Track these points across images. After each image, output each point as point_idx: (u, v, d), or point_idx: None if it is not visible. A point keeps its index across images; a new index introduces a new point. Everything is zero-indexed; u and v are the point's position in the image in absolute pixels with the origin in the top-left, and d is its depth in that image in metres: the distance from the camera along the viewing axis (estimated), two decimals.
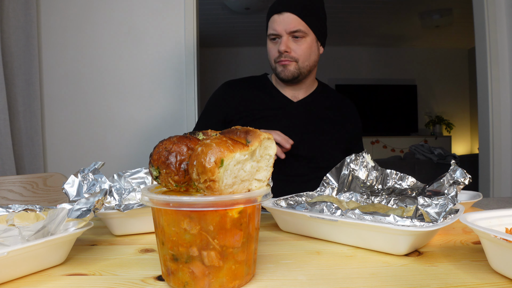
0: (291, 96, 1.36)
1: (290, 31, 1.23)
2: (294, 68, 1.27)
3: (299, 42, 1.26)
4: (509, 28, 2.34)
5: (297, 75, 1.29)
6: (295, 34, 1.24)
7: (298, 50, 1.26)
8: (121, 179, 0.84)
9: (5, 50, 1.93)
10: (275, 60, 1.29)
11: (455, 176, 0.68)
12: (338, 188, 0.84)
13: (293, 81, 1.31)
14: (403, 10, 4.71)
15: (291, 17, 1.23)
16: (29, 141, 2.05)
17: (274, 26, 1.25)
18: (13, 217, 0.64)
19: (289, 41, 1.25)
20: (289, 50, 1.25)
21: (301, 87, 1.36)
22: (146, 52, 2.23)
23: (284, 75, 1.28)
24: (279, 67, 1.28)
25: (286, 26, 1.23)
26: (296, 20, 1.23)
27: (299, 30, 1.23)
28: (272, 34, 1.26)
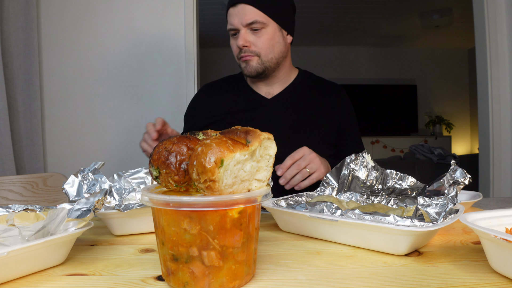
0: (265, 93, 1.28)
1: (247, 24, 1.14)
2: (257, 63, 1.19)
3: (258, 34, 1.16)
4: (509, 28, 2.34)
5: (262, 70, 1.20)
6: (253, 26, 1.15)
7: (258, 43, 1.17)
8: (121, 179, 0.84)
9: (5, 50, 1.93)
10: (237, 57, 1.21)
11: (455, 176, 0.68)
12: (338, 188, 0.84)
13: (261, 77, 1.23)
14: (403, 10, 4.71)
15: (246, 8, 1.14)
16: (29, 141, 2.05)
17: (230, 20, 1.17)
18: (13, 217, 0.64)
19: (247, 35, 1.16)
20: (248, 44, 1.16)
21: (274, 81, 1.27)
22: (146, 52, 2.24)
23: (247, 72, 1.21)
24: (242, 64, 1.21)
25: (241, 19, 1.15)
26: (252, 10, 1.14)
27: (256, 21, 1.14)
28: (230, 29, 1.18)
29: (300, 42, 6.01)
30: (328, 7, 4.62)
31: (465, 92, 6.58)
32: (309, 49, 6.29)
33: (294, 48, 6.17)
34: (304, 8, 4.59)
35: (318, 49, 6.30)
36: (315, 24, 5.23)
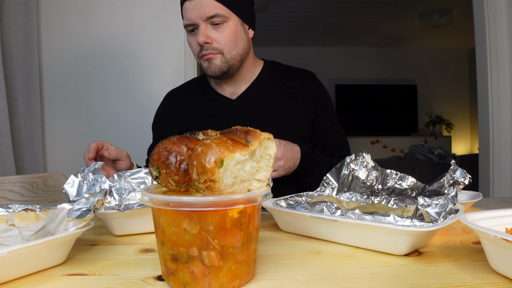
0: (230, 93, 1.20)
1: (207, 17, 1.04)
2: (221, 62, 1.09)
3: (220, 29, 1.07)
4: (509, 28, 2.34)
5: (226, 69, 1.11)
6: (213, 20, 1.05)
7: (221, 38, 1.07)
8: (121, 179, 0.84)
9: (5, 50, 1.93)
10: (198, 55, 1.10)
11: (455, 176, 0.68)
12: (338, 188, 0.84)
13: (225, 77, 1.14)
14: (403, 10, 4.71)
15: (204, 1, 1.04)
16: (29, 141, 2.05)
17: (187, 14, 1.06)
18: (13, 217, 0.64)
19: (208, 30, 1.06)
20: (210, 40, 1.06)
21: (238, 79, 1.19)
22: (146, 52, 2.24)
23: (211, 72, 1.10)
24: (204, 63, 1.10)
25: (201, 12, 1.04)
26: (211, 3, 1.04)
27: (217, 14, 1.04)
28: (188, 24, 1.07)
29: (300, 42, 6.02)
30: (328, 7, 4.62)
31: (465, 92, 6.58)
32: (309, 49, 6.29)
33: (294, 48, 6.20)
34: (304, 8, 4.59)
35: (318, 49, 6.30)
36: (315, 24, 5.23)
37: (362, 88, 6.41)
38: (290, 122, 1.16)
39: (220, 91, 1.22)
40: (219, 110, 1.19)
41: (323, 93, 1.23)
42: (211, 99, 1.22)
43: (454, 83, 6.55)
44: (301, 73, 1.25)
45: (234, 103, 1.19)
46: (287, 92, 1.20)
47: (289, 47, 6.15)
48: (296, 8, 4.58)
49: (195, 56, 1.13)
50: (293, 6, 4.52)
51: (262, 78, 1.22)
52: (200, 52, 1.09)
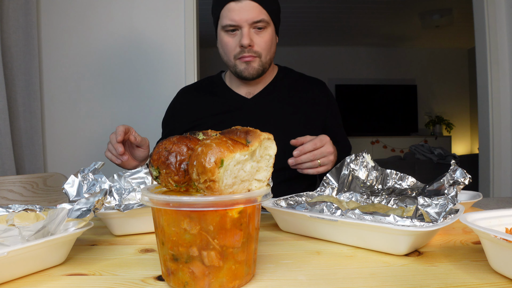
0: (246, 93, 1.24)
1: (253, 21, 1.08)
2: (258, 65, 1.13)
3: (261, 34, 1.11)
4: (509, 28, 2.34)
5: (261, 72, 1.16)
6: (258, 24, 1.08)
7: (261, 43, 1.11)
8: (121, 179, 0.84)
9: (5, 50, 1.93)
10: (235, 56, 1.13)
11: (455, 176, 0.68)
12: (338, 188, 0.84)
13: (255, 78, 1.18)
14: (403, 10, 4.71)
15: (252, 5, 1.07)
16: (29, 141, 2.05)
17: (231, 15, 1.08)
18: (13, 217, 0.64)
19: (251, 33, 1.09)
20: (253, 43, 1.10)
21: (258, 81, 1.23)
22: (146, 52, 2.24)
23: (248, 74, 1.14)
24: (241, 65, 1.13)
25: (247, 16, 1.07)
26: (258, 8, 1.07)
27: (262, 20, 1.08)
28: (230, 25, 1.09)
29: (300, 42, 6.02)
30: (328, 7, 4.62)
31: (465, 92, 6.58)
32: (310, 49, 6.29)
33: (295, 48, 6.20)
34: (304, 8, 4.59)
35: (318, 49, 6.30)
36: (315, 24, 5.23)
37: (362, 88, 6.41)
38: (302, 125, 1.20)
39: (236, 90, 1.25)
40: (233, 107, 1.22)
41: (333, 102, 1.29)
42: (227, 97, 1.24)
43: (454, 83, 6.55)
44: (313, 82, 1.30)
45: (249, 102, 1.22)
46: (300, 97, 1.24)
47: (289, 47, 6.15)
48: (296, 8, 4.58)
49: (229, 56, 1.14)
50: (293, 7, 4.52)
51: (277, 82, 1.26)
52: (239, 53, 1.12)
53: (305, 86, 1.28)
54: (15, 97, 1.99)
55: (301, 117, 1.21)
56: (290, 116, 1.21)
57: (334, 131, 1.26)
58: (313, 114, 1.23)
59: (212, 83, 1.31)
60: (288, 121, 1.20)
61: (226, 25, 1.10)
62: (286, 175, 1.18)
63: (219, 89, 1.27)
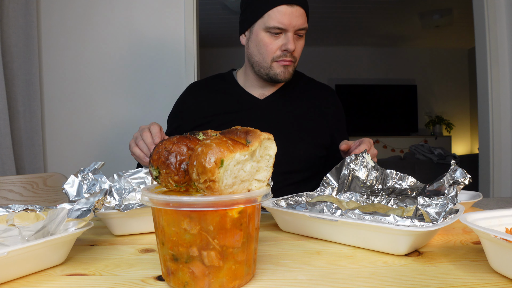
0: (259, 94, 1.23)
1: (299, 28, 1.08)
2: (292, 69, 1.16)
3: (300, 41, 1.13)
4: (509, 28, 2.34)
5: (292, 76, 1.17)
6: (300, 32, 1.10)
7: (299, 49, 1.13)
8: (121, 179, 0.84)
9: (5, 50, 1.93)
10: (274, 59, 1.12)
11: (455, 176, 0.68)
12: (338, 188, 0.84)
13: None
14: (403, 10, 4.71)
15: (301, 12, 1.07)
16: (29, 141, 2.05)
17: (282, 18, 1.06)
18: (13, 217, 0.64)
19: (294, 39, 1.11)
20: (294, 49, 1.11)
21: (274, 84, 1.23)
22: (146, 52, 2.23)
23: (283, 77, 1.14)
24: (278, 68, 1.13)
25: (296, 22, 1.07)
26: (304, 16, 1.09)
27: (305, 28, 1.10)
28: (277, 27, 1.07)
29: None
30: (328, 7, 4.62)
31: (465, 92, 6.58)
32: (309, 49, 6.29)
33: None
34: None
35: (318, 49, 6.30)
36: (315, 24, 5.23)
37: (362, 88, 6.41)
38: (311, 129, 1.21)
39: (248, 90, 1.24)
40: (245, 107, 1.21)
41: (340, 109, 1.32)
42: (238, 96, 1.23)
43: (454, 83, 6.55)
44: (323, 88, 1.32)
45: (261, 103, 1.22)
46: (310, 102, 1.25)
47: None
48: None
49: (266, 57, 1.12)
50: None
51: (290, 85, 1.26)
52: (279, 56, 1.11)
53: (316, 91, 1.29)
54: (15, 97, 1.99)
55: (309, 122, 1.22)
56: (300, 120, 1.21)
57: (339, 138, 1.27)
58: (321, 120, 1.24)
59: (224, 81, 1.29)
60: (297, 125, 1.20)
61: (274, 26, 1.07)
62: (294, 178, 1.18)
63: (231, 88, 1.26)
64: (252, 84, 1.24)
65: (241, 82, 1.27)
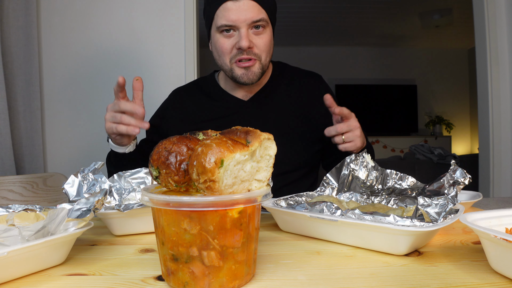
0: (242, 95, 1.18)
1: (252, 21, 1.01)
2: (258, 68, 1.06)
3: (261, 35, 1.04)
4: (509, 28, 2.34)
5: (261, 75, 1.08)
6: (257, 24, 1.02)
7: (261, 44, 1.04)
8: (121, 179, 0.84)
9: (5, 50, 1.93)
10: (232, 59, 1.05)
11: (455, 176, 0.68)
12: (338, 188, 0.84)
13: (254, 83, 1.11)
14: (403, 10, 4.71)
15: (250, 4, 1.00)
16: (29, 141, 2.05)
17: (228, 15, 1.00)
18: (13, 217, 0.64)
19: (250, 34, 1.02)
20: (252, 45, 1.02)
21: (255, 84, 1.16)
22: (146, 52, 2.23)
23: (247, 79, 1.06)
24: (239, 70, 1.06)
25: (246, 15, 0.99)
26: (257, 7, 1.01)
27: (261, 19, 1.01)
28: (226, 25, 1.01)
29: (300, 42, 6.02)
30: (328, 7, 4.62)
31: (465, 92, 6.58)
32: (309, 49, 6.29)
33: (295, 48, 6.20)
34: (304, 8, 4.59)
35: (318, 49, 6.30)
36: (315, 24, 5.23)
37: (362, 88, 6.40)
38: (303, 124, 1.17)
39: (232, 92, 1.19)
40: (231, 111, 1.17)
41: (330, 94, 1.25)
42: (222, 100, 1.19)
43: (454, 83, 6.55)
44: (309, 75, 1.25)
45: (247, 104, 1.17)
46: (297, 94, 1.20)
47: (289, 47, 6.15)
48: (296, 8, 4.58)
49: (224, 59, 1.07)
50: (293, 6, 4.52)
51: (274, 81, 1.21)
52: (235, 56, 1.04)
53: (302, 81, 1.22)
54: (15, 97, 1.99)
55: (300, 115, 1.18)
56: (289, 115, 1.17)
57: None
58: (312, 110, 1.19)
59: (207, 85, 1.24)
60: (287, 121, 1.16)
61: (222, 25, 1.02)
62: (287, 179, 1.16)
63: (214, 92, 1.21)
64: (233, 86, 1.18)
65: (223, 85, 1.22)
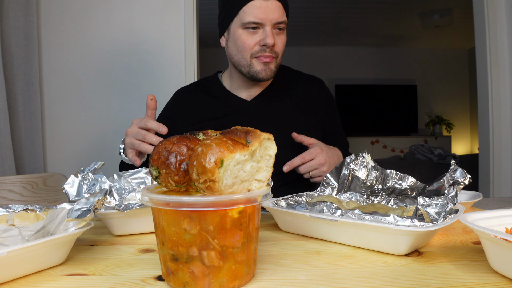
0: (246, 96, 1.21)
1: (277, 22, 1.06)
2: (275, 66, 1.11)
3: (280, 35, 1.09)
4: (509, 28, 2.34)
5: (275, 73, 1.13)
6: (280, 26, 1.07)
7: (280, 44, 1.09)
8: (121, 179, 0.84)
9: (5, 50, 1.93)
10: (253, 55, 1.09)
11: (455, 176, 0.68)
12: (338, 188, 0.84)
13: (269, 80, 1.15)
14: (403, 10, 4.71)
15: (277, 5, 1.05)
16: (29, 141, 2.05)
17: (257, 13, 1.04)
18: (13, 217, 0.64)
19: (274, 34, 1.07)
20: (274, 43, 1.07)
21: (260, 83, 1.19)
22: (146, 52, 2.23)
23: (265, 75, 1.10)
24: (258, 65, 1.09)
25: (273, 15, 1.04)
26: (281, 9, 1.06)
27: (284, 21, 1.07)
28: (254, 22, 1.05)
29: (300, 42, 6.02)
30: (328, 7, 4.62)
31: (465, 92, 6.58)
32: (309, 49, 6.29)
33: (294, 48, 6.20)
34: (304, 8, 4.59)
35: (318, 49, 6.30)
36: (315, 24, 5.23)
37: (362, 88, 6.41)
38: (303, 125, 1.19)
39: (235, 92, 1.22)
40: (234, 110, 1.19)
41: (331, 99, 1.28)
42: (225, 100, 1.21)
43: (454, 83, 6.55)
44: (311, 80, 1.28)
45: (249, 104, 1.20)
46: (299, 97, 1.23)
47: (289, 47, 6.13)
48: (296, 8, 4.58)
49: (245, 54, 1.09)
50: (293, 6, 4.51)
51: (276, 82, 1.23)
52: (258, 52, 1.08)
53: (304, 84, 1.26)
54: (15, 97, 1.99)
55: (300, 117, 1.20)
56: (290, 117, 1.20)
57: (332, 130, 1.25)
58: (312, 113, 1.22)
59: (210, 85, 1.27)
60: (288, 123, 1.18)
61: (250, 21, 1.05)
62: (286, 178, 1.17)
63: (218, 92, 1.24)
64: (238, 85, 1.21)
65: (227, 85, 1.24)
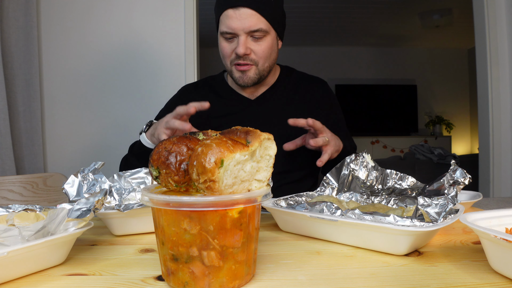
0: (249, 94, 1.22)
1: (250, 31, 1.05)
2: (254, 74, 1.12)
3: (259, 42, 1.08)
4: (509, 28, 2.34)
5: (257, 80, 1.13)
6: (255, 34, 1.06)
7: (259, 51, 1.09)
8: (121, 179, 0.84)
9: (5, 50, 1.93)
10: (231, 62, 1.12)
11: (455, 176, 0.68)
12: (338, 188, 0.84)
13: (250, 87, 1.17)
14: (403, 10, 4.71)
15: (249, 13, 1.04)
16: (29, 141, 2.05)
17: (229, 23, 1.05)
18: (13, 217, 0.64)
19: (248, 42, 1.07)
20: (249, 51, 1.08)
21: (260, 84, 1.22)
22: (146, 52, 2.23)
23: (242, 82, 1.13)
24: (236, 73, 1.12)
25: (244, 24, 1.04)
26: (256, 17, 1.04)
27: (260, 29, 1.05)
28: (226, 32, 1.07)
29: (300, 42, 6.02)
30: (328, 7, 4.62)
31: (465, 92, 6.58)
32: (309, 49, 6.29)
33: (295, 48, 6.20)
34: (304, 8, 4.59)
35: (318, 49, 6.30)
36: (315, 24, 5.23)
37: (362, 88, 6.41)
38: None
39: (239, 91, 1.23)
40: (237, 109, 1.21)
41: (335, 101, 1.30)
42: (229, 98, 1.23)
43: (454, 83, 6.55)
44: (315, 81, 1.30)
45: (252, 103, 1.21)
46: (303, 98, 1.24)
47: (289, 47, 6.15)
48: (296, 8, 4.58)
49: (226, 60, 1.13)
50: (293, 6, 4.52)
51: (280, 83, 1.25)
52: (234, 60, 1.10)
53: (308, 86, 1.27)
54: (15, 97, 1.99)
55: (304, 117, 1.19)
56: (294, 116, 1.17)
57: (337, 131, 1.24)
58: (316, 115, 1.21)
59: (215, 83, 1.29)
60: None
61: (223, 31, 1.08)
62: (291, 177, 1.17)
63: (222, 90, 1.25)
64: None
65: (231, 84, 1.26)
